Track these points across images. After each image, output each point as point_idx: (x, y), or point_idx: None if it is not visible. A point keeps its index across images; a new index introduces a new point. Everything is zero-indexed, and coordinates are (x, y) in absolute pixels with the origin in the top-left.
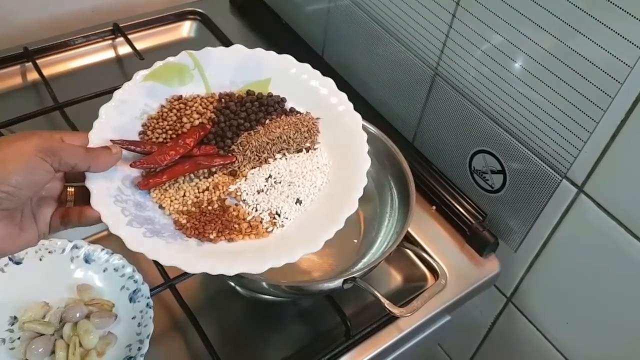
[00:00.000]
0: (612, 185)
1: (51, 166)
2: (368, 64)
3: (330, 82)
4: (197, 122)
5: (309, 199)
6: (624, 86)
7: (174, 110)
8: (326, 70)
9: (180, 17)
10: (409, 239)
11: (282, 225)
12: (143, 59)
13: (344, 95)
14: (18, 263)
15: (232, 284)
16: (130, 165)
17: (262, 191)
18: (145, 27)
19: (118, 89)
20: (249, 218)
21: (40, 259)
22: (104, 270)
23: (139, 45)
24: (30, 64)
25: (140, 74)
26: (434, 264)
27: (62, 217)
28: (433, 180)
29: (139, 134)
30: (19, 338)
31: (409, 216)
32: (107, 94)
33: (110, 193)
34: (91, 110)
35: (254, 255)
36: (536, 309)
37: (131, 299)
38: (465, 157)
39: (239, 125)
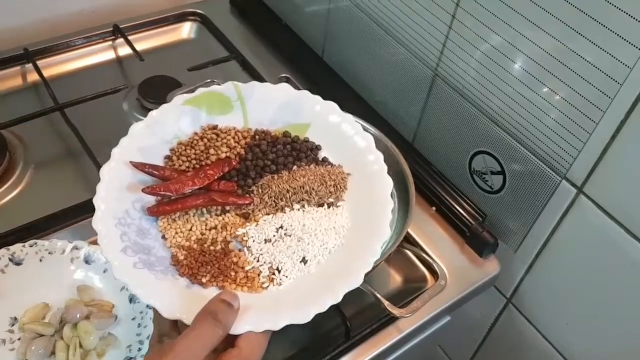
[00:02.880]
0: (611, 186)
1: None
2: (368, 65)
3: (370, 138)
4: (223, 156)
5: (316, 260)
6: (623, 87)
7: (205, 140)
8: (326, 71)
9: (181, 18)
10: (408, 240)
11: (280, 284)
12: (143, 60)
13: (381, 155)
14: (18, 264)
15: None
16: (142, 190)
17: (269, 241)
18: (145, 28)
19: (152, 110)
20: (247, 268)
21: (41, 260)
22: (104, 271)
23: (139, 46)
24: (30, 64)
25: (181, 98)
26: (433, 264)
27: None
28: (433, 181)
29: (164, 157)
30: (19, 339)
31: (409, 217)
32: (107, 94)
33: (116, 214)
34: (91, 111)
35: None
36: (536, 309)
37: (131, 300)
38: (465, 158)
39: (265, 166)
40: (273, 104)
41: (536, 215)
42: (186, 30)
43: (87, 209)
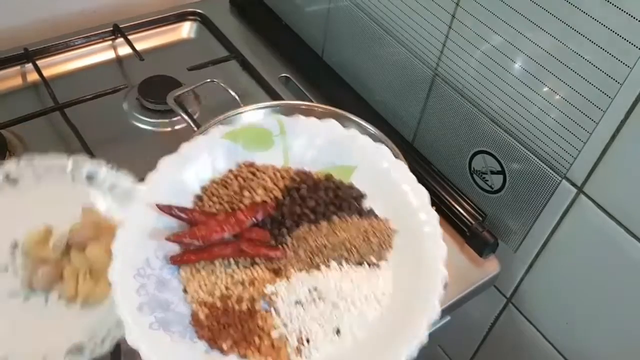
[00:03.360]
0: (611, 186)
1: None
2: (368, 65)
3: (424, 193)
4: (259, 199)
5: (352, 333)
6: (623, 87)
7: (240, 179)
8: (326, 71)
9: (180, 17)
10: None
11: (308, 358)
12: (143, 59)
13: (436, 216)
14: (14, 183)
15: None
16: (166, 239)
17: (300, 304)
18: (145, 28)
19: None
20: (274, 335)
21: (39, 179)
22: (110, 189)
23: (139, 46)
24: (30, 64)
25: (219, 131)
26: None
27: None
28: (433, 180)
29: (194, 197)
30: (22, 265)
31: None
32: (107, 94)
33: (135, 264)
34: (91, 111)
35: None
36: (536, 309)
37: None
38: (465, 157)
39: (303, 214)
40: (317, 141)
41: (536, 215)
42: (186, 30)
43: None
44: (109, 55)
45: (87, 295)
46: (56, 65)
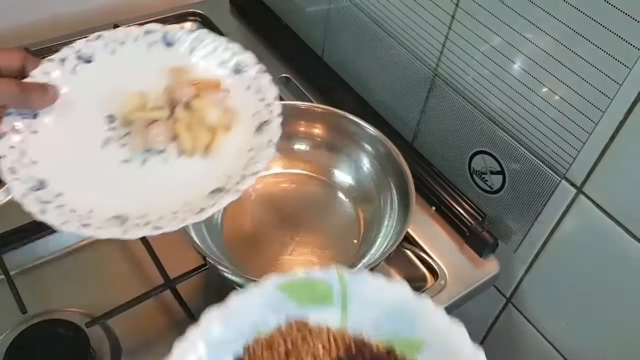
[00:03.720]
0: (611, 186)
1: None
2: (368, 65)
3: None
4: None
5: None
6: (622, 87)
7: (288, 340)
8: (326, 71)
9: (181, 18)
10: (408, 240)
11: None
12: None
13: None
14: (88, 61)
15: (233, 285)
16: None
17: None
18: None
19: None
20: None
21: (113, 52)
22: (191, 51)
23: None
24: None
25: (272, 281)
26: (433, 264)
27: None
28: (432, 181)
29: (234, 357)
30: (126, 134)
31: (409, 217)
32: None
33: None
34: None
35: None
36: (536, 309)
37: (236, 71)
38: (464, 157)
39: None
40: (382, 304)
41: (536, 215)
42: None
43: None
44: None
45: (207, 145)
46: None
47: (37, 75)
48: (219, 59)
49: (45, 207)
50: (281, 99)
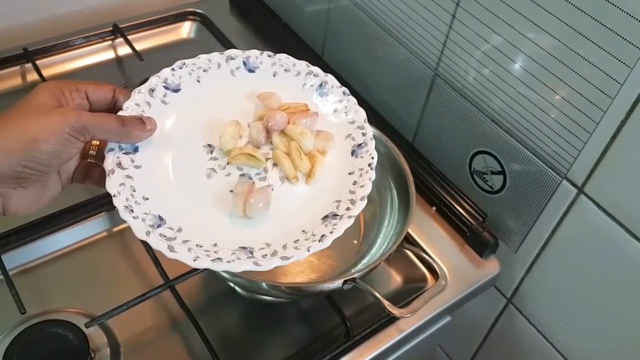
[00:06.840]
0: (612, 186)
1: (83, 142)
2: (368, 65)
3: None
4: None
5: None
6: (623, 87)
7: None
8: (326, 70)
9: (180, 17)
10: (409, 240)
11: None
12: (143, 59)
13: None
14: (176, 91)
15: (232, 284)
16: None
17: None
18: (145, 28)
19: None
20: None
21: (198, 81)
22: (274, 75)
23: (139, 46)
24: (30, 64)
25: None
26: (434, 264)
27: (84, 173)
28: (433, 181)
29: None
30: (227, 163)
31: (409, 217)
32: None
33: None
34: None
35: None
36: (536, 309)
37: (320, 94)
38: (465, 157)
39: None
40: None
41: (536, 216)
42: (186, 30)
43: (86, 209)
44: (109, 55)
45: (309, 171)
46: (56, 65)
47: (129, 107)
48: (302, 82)
49: (172, 244)
50: None
